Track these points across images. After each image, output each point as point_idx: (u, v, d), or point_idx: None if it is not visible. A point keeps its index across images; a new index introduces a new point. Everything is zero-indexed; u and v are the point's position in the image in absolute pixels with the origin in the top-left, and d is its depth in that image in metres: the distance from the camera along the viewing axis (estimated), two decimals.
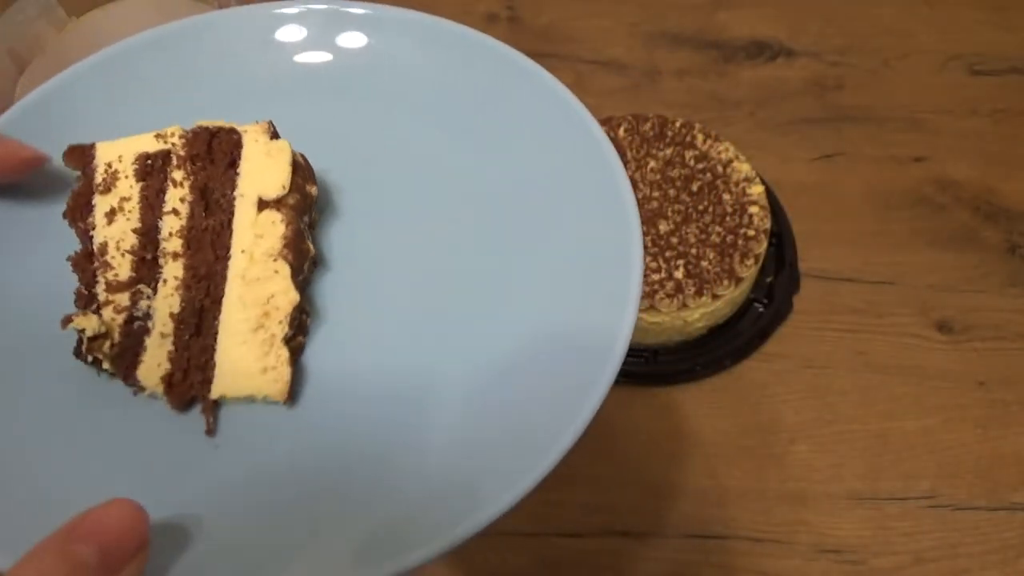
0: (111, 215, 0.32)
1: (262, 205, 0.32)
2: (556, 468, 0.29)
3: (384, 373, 0.31)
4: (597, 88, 0.70)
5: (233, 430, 0.30)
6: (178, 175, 0.32)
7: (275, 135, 0.33)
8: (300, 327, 0.31)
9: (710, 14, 0.75)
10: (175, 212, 0.32)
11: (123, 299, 0.31)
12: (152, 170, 0.32)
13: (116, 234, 0.32)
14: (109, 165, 0.32)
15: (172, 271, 0.32)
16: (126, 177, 0.32)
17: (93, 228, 0.32)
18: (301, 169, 0.33)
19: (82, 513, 0.24)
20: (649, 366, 0.56)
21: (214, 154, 0.32)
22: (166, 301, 0.31)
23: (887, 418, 0.55)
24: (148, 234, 0.32)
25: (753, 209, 0.55)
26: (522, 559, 0.50)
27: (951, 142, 0.67)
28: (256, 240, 0.31)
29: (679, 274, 0.53)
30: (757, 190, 0.56)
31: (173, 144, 0.32)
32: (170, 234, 0.32)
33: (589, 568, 0.50)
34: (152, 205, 0.32)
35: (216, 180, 0.32)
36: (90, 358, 0.30)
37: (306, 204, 0.33)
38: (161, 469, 0.29)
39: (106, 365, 0.30)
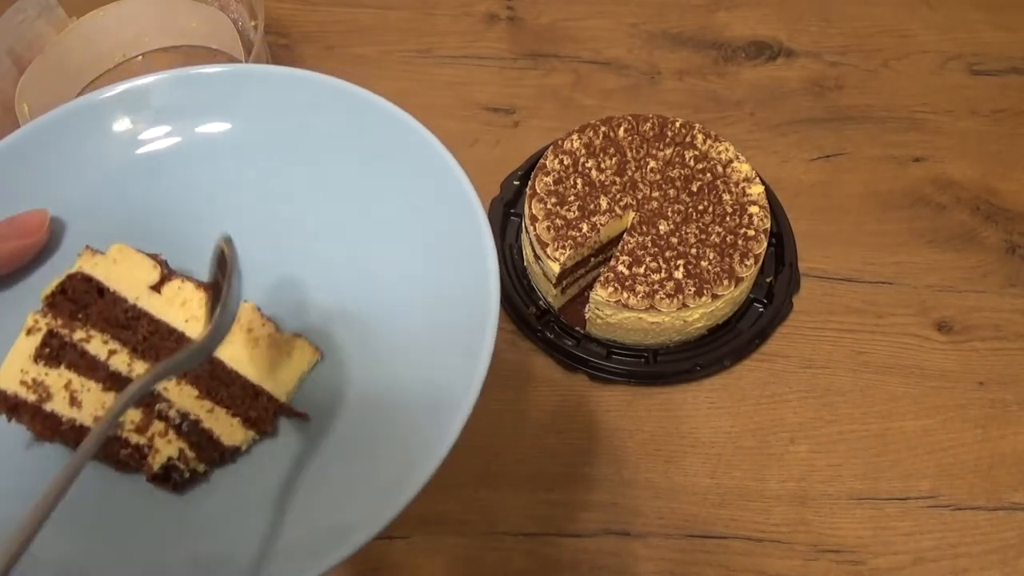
0: (74, 402, 0.34)
1: (156, 288, 0.36)
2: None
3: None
4: (597, 88, 0.70)
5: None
6: (80, 335, 0.34)
7: (98, 251, 0.36)
8: (277, 323, 0.36)
9: (710, 14, 0.75)
10: (113, 352, 0.35)
11: (158, 426, 0.34)
12: (57, 352, 0.34)
13: (95, 407, 0.34)
14: (24, 384, 0.34)
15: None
16: (47, 375, 0.34)
17: (75, 422, 0.34)
18: (145, 252, 0.37)
19: None
20: (649, 366, 0.56)
21: (80, 299, 0.35)
22: (183, 395, 0.35)
23: (887, 418, 0.55)
24: (116, 381, 0.34)
25: (753, 209, 0.55)
26: (522, 559, 0.50)
27: (951, 142, 0.67)
28: (184, 307, 0.36)
29: (679, 274, 0.53)
30: (757, 190, 0.56)
31: (46, 324, 0.34)
32: (128, 365, 0.35)
33: (589, 568, 0.50)
34: (92, 367, 0.34)
35: (107, 310, 0.35)
36: (188, 475, 0.33)
37: (168, 265, 0.37)
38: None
39: (202, 468, 0.34)
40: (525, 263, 0.60)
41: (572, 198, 0.56)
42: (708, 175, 0.57)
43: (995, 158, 0.66)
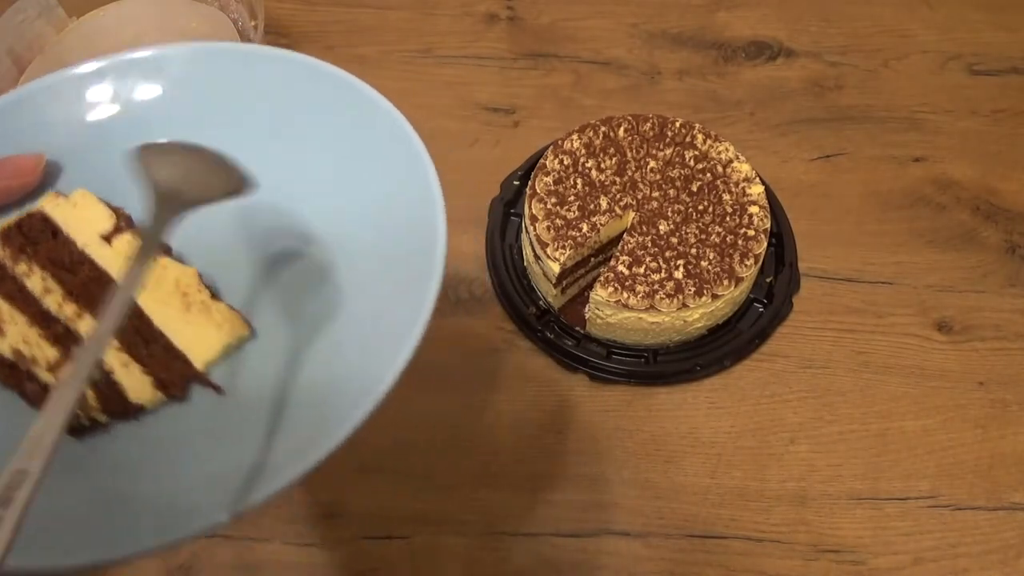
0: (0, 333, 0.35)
1: (107, 238, 0.36)
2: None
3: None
4: (597, 88, 0.70)
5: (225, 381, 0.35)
6: (22, 268, 0.35)
7: (63, 195, 0.37)
8: (214, 291, 0.36)
9: (710, 14, 0.75)
10: (48, 291, 0.35)
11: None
12: None
13: (16, 338, 0.34)
14: None
15: (86, 325, 0.35)
16: None
17: None
18: (108, 203, 0.37)
19: None
20: (649, 366, 0.56)
21: (33, 237, 0.36)
22: None
23: (887, 418, 0.55)
24: (43, 318, 0.35)
25: (753, 209, 0.55)
26: (522, 559, 0.50)
27: (951, 142, 0.67)
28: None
29: (679, 274, 0.53)
30: (757, 190, 0.56)
31: None
32: (59, 305, 0.35)
33: (589, 568, 0.50)
34: (25, 300, 0.35)
35: (55, 251, 0.36)
36: (87, 423, 0.33)
37: (132, 222, 0.37)
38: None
39: (103, 418, 0.34)
40: (525, 263, 0.60)
41: (572, 198, 0.56)
42: (708, 175, 0.57)
43: (995, 158, 0.66)
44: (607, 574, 0.50)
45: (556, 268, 0.54)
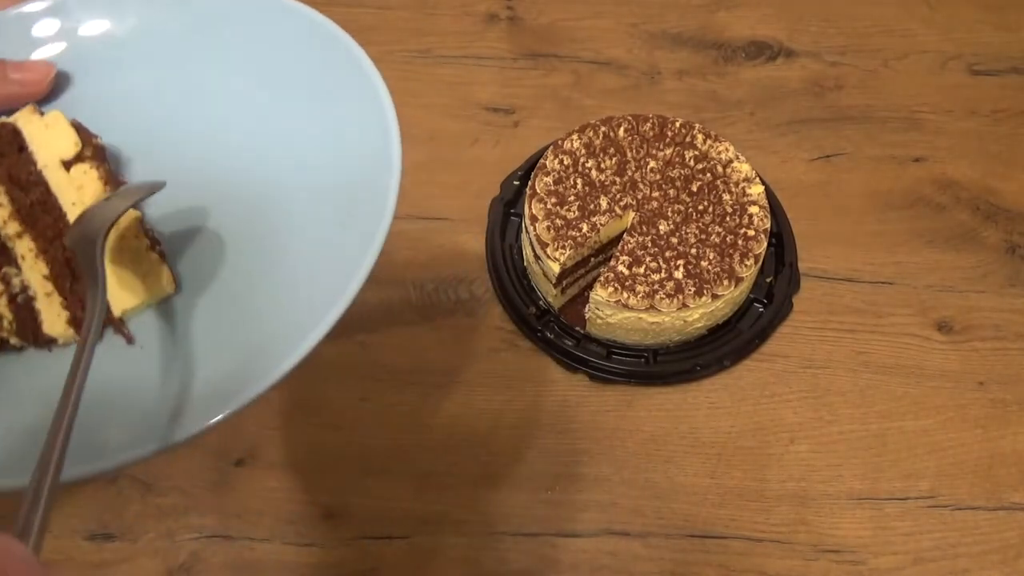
0: None
1: (67, 165, 0.36)
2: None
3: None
4: (597, 88, 0.70)
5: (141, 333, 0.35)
6: None
7: (41, 112, 0.37)
8: (154, 239, 0.36)
9: (710, 14, 0.75)
10: None
11: None
12: None
13: None
14: None
15: (24, 247, 0.35)
16: None
17: None
18: (82, 128, 0.37)
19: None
20: (649, 366, 0.56)
21: (1, 148, 0.36)
22: (34, 270, 0.35)
23: (887, 418, 0.55)
24: None
25: (753, 209, 0.55)
26: (522, 559, 0.50)
27: (951, 142, 0.67)
28: (79, 191, 0.36)
29: (679, 274, 0.53)
30: (757, 190, 0.56)
31: None
32: (4, 222, 0.36)
33: (589, 568, 0.50)
34: None
35: (16, 167, 0.36)
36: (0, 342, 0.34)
37: (103, 152, 0.38)
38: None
39: (13, 340, 0.34)
40: (525, 263, 0.60)
41: (572, 198, 0.56)
42: (708, 175, 0.57)
43: (995, 158, 0.66)
44: (607, 574, 0.50)
45: (556, 268, 0.54)
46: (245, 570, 0.50)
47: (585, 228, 0.54)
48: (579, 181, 0.57)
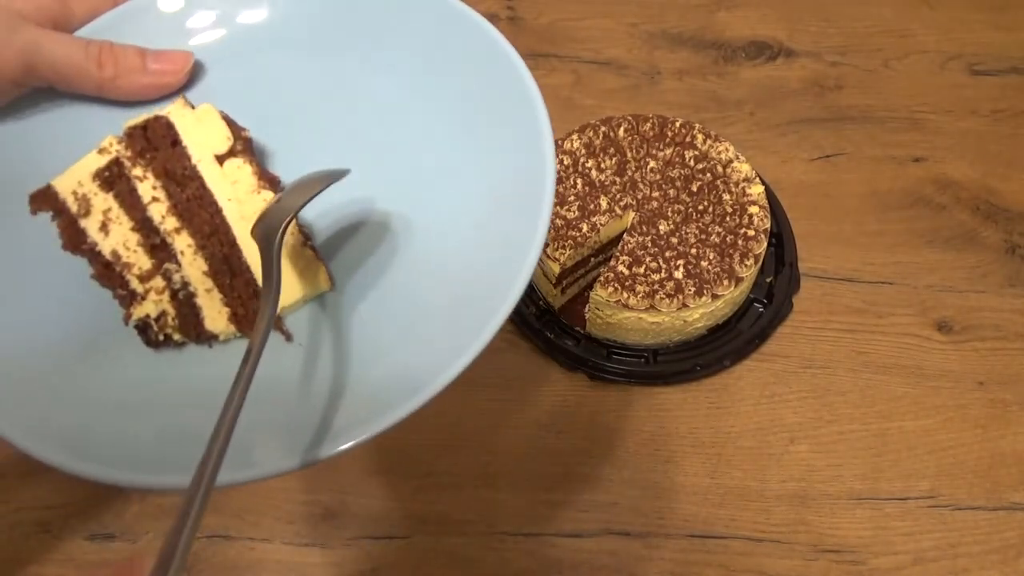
0: (104, 228, 0.35)
1: (220, 159, 0.36)
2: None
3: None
4: (597, 88, 0.70)
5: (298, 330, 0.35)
6: (138, 172, 0.35)
7: (192, 105, 0.37)
8: (306, 235, 0.35)
9: (710, 14, 0.75)
10: (155, 200, 0.35)
11: (158, 282, 0.35)
12: (114, 179, 0.35)
13: (118, 240, 0.35)
14: (75, 193, 0.35)
15: (183, 242, 0.35)
16: (95, 195, 0.35)
17: (96, 245, 0.35)
18: (232, 122, 0.37)
19: None
20: (649, 366, 0.56)
21: (155, 142, 0.36)
22: (193, 265, 0.35)
23: (887, 418, 0.55)
24: (145, 226, 0.35)
25: (753, 209, 0.55)
26: (522, 559, 0.50)
27: (951, 142, 0.67)
28: (234, 186, 0.36)
29: (679, 274, 0.53)
30: (757, 190, 0.56)
31: (117, 151, 0.35)
32: (163, 217, 0.35)
33: (589, 568, 0.50)
34: (133, 204, 0.35)
35: (171, 161, 0.36)
36: (162, 338, 0.34)
37: (251, 145, 0.37)
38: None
39: (177, 336, 0.35)
40: None
41: (572, 198, 0.56)
42: (708, 175, 0.57)
43: (995, 158, 0.66)
44: (607, 574, 0.50)
45: (556, 268, 0.54)
46: (245, 570, 0.50)
47: (585, 228, 0.54)
48: (579, 181, 0.57)
